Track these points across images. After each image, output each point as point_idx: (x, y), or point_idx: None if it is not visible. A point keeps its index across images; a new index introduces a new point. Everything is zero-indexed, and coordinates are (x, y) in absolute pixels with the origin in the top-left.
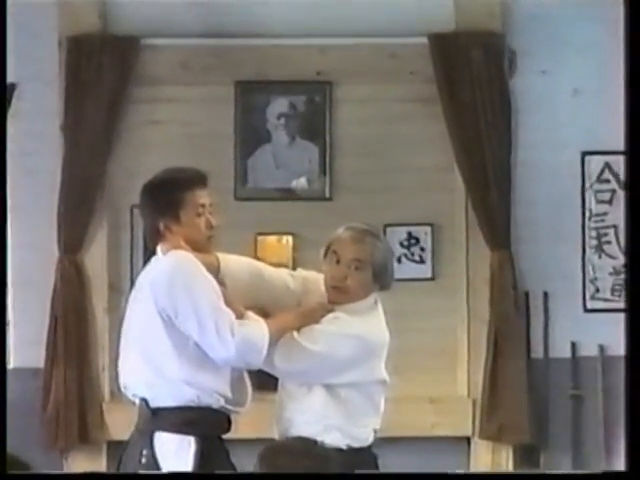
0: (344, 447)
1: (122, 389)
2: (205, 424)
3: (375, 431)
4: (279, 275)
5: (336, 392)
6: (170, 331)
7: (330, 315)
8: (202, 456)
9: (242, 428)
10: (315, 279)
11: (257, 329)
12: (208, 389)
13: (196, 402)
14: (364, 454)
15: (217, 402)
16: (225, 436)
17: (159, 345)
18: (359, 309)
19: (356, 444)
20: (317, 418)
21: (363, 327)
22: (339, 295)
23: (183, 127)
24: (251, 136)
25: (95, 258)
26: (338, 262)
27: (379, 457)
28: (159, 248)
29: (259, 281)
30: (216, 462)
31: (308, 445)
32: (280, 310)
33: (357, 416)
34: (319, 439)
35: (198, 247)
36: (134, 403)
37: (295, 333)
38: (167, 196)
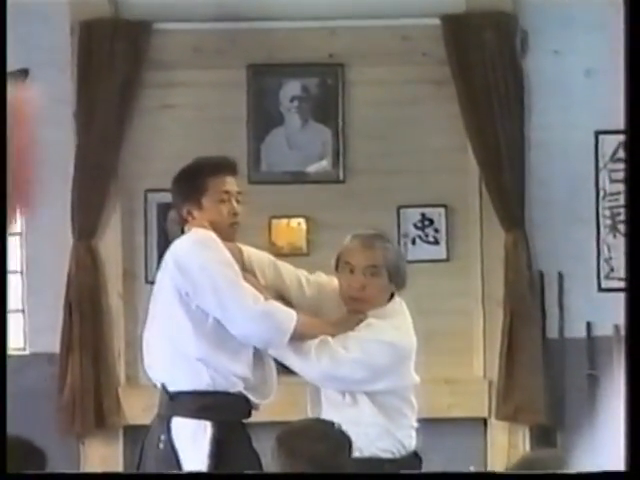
0: (396, 454)
1: (147, 370)
2: (222, 409)
3: (417, 432)
4: (297, 278)
5: (377, 399)
6: (187, 309)
7: (363, 322)
8: (218, 441)
9: (264, 412)
10: (333, 287)
11: (284, 310)
12: (225, 372)
13: (212, 386)
14: (411, 461)
15: (234, 386)
16: (247, 420)
17: (176, 324)
18: (388, 313)
19: (404, 451)
20: (367, 427)
21: (395, 332)
22: (358, 304)
23: (196, 111)
24: (264, 119)
25: (109, 244)
26: (352, 272)
27: None
28: (185, 229)
29: (278, 280)
30: (234, 448)
31: (326, 428)
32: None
33: (400, 420)
34: (372, 450)
35: (221, 234)
36: (156, 386)
37: (330, 339)
38: (190, 182)
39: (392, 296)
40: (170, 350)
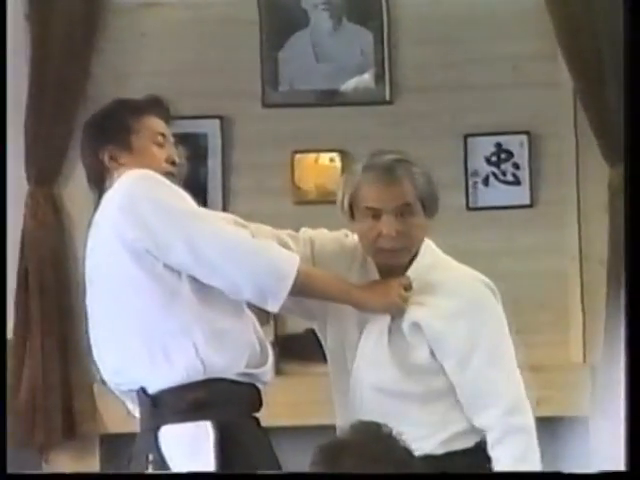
0: (472, 444)
1: (113, 380)
2: (222, 403)
3: None
4: (275, 236)
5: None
6: (152, 272)
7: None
8: (225, 444)
9: (281, 412)
10: (331, 238)
11: (282, 249)
12: (217, 349)
13: (203, 372)
14: (479, 454)
15: (231, 369)
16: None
17: (142, 297)
18: (435, 260)
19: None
20: (440, 427)
21: (474, 272)
22: (394, 257)
23: (189, 10)
24: (282, 20)
25: (77, 191)
26: (378, 217)
27: None
28: (107, 184)
29: None
30: (248, 449)
31: (385, 444)
32: None
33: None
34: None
35: None
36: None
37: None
38: (114, 121)
39: None
40: (140, 337)
